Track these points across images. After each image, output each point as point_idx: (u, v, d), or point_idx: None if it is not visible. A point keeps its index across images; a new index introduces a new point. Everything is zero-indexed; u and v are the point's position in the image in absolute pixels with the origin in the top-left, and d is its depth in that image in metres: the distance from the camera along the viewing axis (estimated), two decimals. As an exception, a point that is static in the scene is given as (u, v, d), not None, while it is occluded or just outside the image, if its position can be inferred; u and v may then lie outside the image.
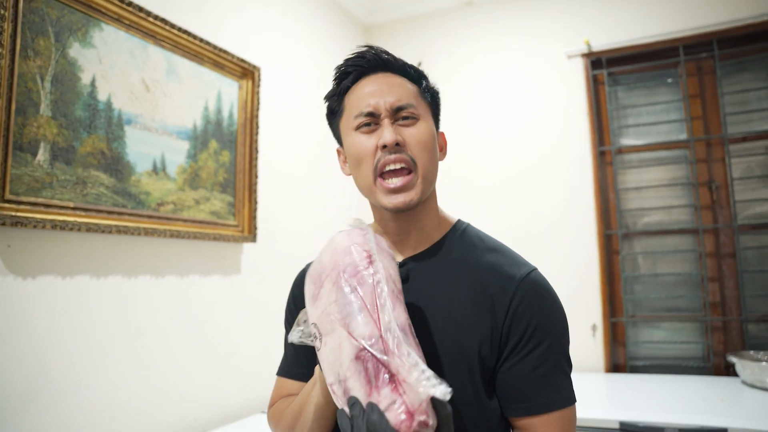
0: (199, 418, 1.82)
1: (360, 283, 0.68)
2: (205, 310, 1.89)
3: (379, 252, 0.72)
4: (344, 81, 0.91)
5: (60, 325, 1.41)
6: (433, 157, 0.88)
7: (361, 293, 0.67)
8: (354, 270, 0.69)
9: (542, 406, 0.80)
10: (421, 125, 0.87)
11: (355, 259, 0.70)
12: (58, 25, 1.41)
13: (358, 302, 0.67)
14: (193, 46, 1.84)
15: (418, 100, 0.89)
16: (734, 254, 2.44)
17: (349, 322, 0.66)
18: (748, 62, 2.52)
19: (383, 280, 0.68)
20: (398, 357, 0.61)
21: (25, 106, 1.33)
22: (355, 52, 0.91)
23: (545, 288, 0.86)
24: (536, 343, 0.81)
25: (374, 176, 0.85)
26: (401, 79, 0.90)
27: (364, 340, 0.64)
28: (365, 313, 0.66)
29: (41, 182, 1.36)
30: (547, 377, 0.81)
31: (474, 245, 0.91)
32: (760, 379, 2.04)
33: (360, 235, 0.74)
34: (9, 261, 1.30)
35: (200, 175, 1.88)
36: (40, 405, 1.34)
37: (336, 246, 0.73)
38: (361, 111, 0.86)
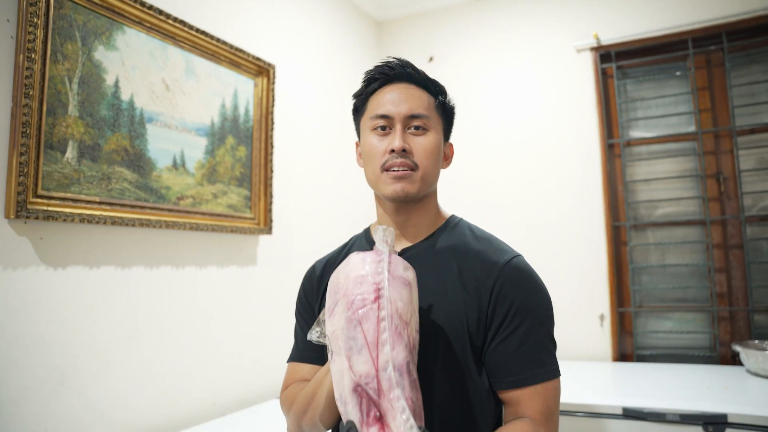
0: (217, 402, 1.91)
1: (365, 318, 0.72)
2: (223, 300, 1.98)
3: (391, 282, 0.75)
4: (371, 85, 1.01)
5: (88, 313, 1.50)
6: (434, 164, 0.97)
7: (364, 329, 0.72)
8: (362, 303, 0.73)
9: (527, 380, 0.88)
10: (429, 136, 0.96)
11: (364, 292, 0.74)
12: (84, 29, 1.50)
13: (361, 339, 0.72)
14: (210, 46, 1.91)
15: (432, 112, 0.98)
16: (741, 245, 2.47)
17: (350, 356, 0.72)
18: (757, 54, 2.53)
19: (387, 317, 0.72)
20: (387, 401, 0.69)
21: (55, 107, 1.41)
22: (383, 61, 1.01)
23: (526, 272, 0.94)
24: (519, 322, 0.89)
25: (380, 170, 0.95)
26: (421, 91, 0.99)
27: (361, 377, 0.71)
28: (365, 351, 0.71)
29: (70, 178, 1.45)
30: (530, 354, 0.89)
31: (464, 235, 1.00)
32: (764, 367, 2.08)
33: (374, 262, 0.77)
34: (42, 252, 1.39)
35: (218, 170, 1.96)
36: (71, 386, 1.44)
37: (350, 271, 0.77)
38: (378, 113, 0.96)
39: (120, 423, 1.56)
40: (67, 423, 1.42)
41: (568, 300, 2.67)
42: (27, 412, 1.34)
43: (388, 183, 0.94)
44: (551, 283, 1.00)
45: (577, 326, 2.66)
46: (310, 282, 1.09)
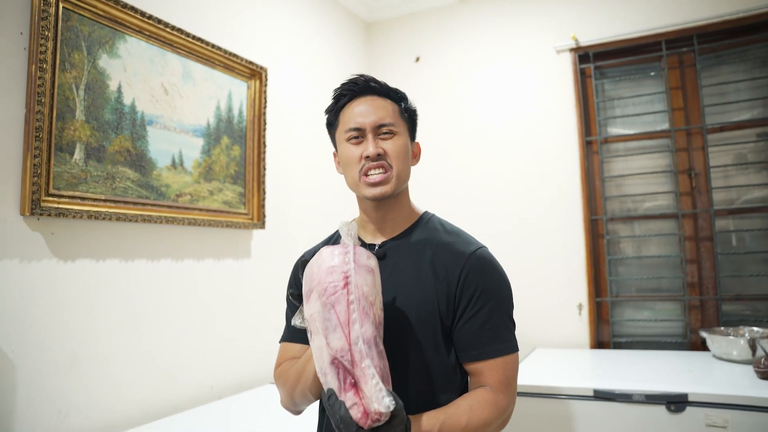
0: (214, 386, 2.04)
1: (336, 302, 0.86)
2: (219, 291, 2.10)
3: (357, 270, 0.89)
4: (340, 101, 1.13)
5: (96, 302, 1.63)
6: (405, 164, 1.10)
7: (337, 311, 0.85)
8: (333, 289, 0.87)
9: (488, 353, 1.02)
10: (397, 139, 1.09)
11: (335, 280, 0.87)
12: (90, 39, 1.61)
13: (335, 319, 0.85)
14: (205, 52, 2.03)
15: (397, 119, 1.11)
16: (711, 237, 2.61)
17: (327, 335, 0.86)
18: (726, 56, 2.67)
19: (355, 300, 0.86)
20: (360, 369, 0.83)
21: (64, 112, 1.53)
22: (348, 79, 1.13)
23: (489, 262, 1.08)
24: (482, 305, 1.03)
25: (359, 175, 1.08)
26: (385, 101, 1.11)
27: (337, 352, 0.85)
28: (339, 330, 0.85)
29: (78, 178, 1.57)
30: (491, 331, 1.03)
31: (436, 229, 1.13)
32: (727, 351, 2.22)
33: (342, 254, 0.90)
34: (53, 247, 1.51)
35: (214, 169, 2.08)
36: (80, 370, 1.56)
37: (322, 263, 0.90)
38: (351, 126, 1.09)
39: (125, 405, 1.69)
40: (78, 404, 1.55)
41: (548, 290, 2.80)
42: (42, 393, 1.46)
43: (368, 187, 1.07)
44: (532, 274, 1.15)
45: (556, 315, 2.80)
46: (300, 273, 1.22)
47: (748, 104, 2.62)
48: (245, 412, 1.83)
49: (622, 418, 1.93)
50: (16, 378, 1.40)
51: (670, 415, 1.87)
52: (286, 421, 1.67)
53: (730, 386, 1.89)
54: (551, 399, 2.02)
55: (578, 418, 1.99)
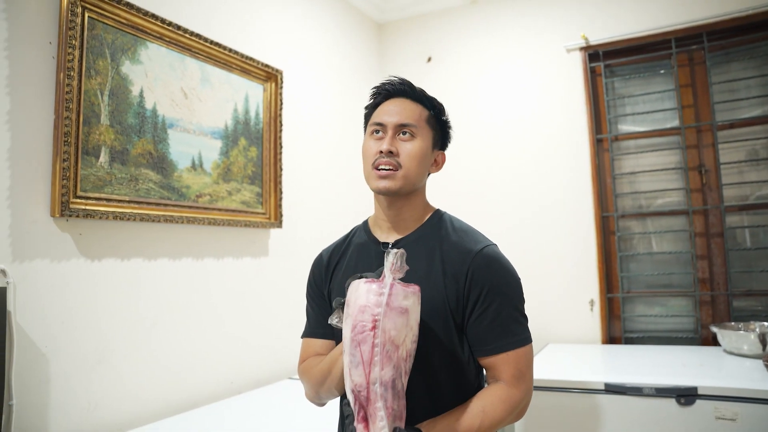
0: (234, 381, 2.10)
1: (363, 341, 0.90)
2: (238, 288, 2.16)
3: (387, 314, 0.91)
4: (376, 99, 1.20)
5: (121, 300, 1.69)
6: (418, 166, 1.13)
7: (362, 350, 0.90)
8: (362, 329, 0.90)
9: (499, 348, 1.06)
10: (415, 142, 1.13)
11: (365, 320, 0.90)
12: (113, 46, 1.67)
13: (359, 357, 0.90)
14: (223, 56, 2.09)
15: (421, 123, 1.15)
16: (722, 233, 2.63)
17: (351, 368, 0.91)
18: (736, 53, 2.68)
19: (380, 344, 0.90)
20: (372, 408, 0.89)
21: (89, 117, 1.59)
22: (386, 79, 1.19)
23: (495, 259, 1.10)
24: (490, 301, 1.06)
25: (371, 168, 1.13)
26: (414, 105, 1.16)
27: (356, 386, 0.91)
28: (361, 367, 0.90)
29: (103, 180, 1.63)
30: (502, 326, 1.06)
31: (446, 228, 1.17)
32: (738, 346, 2.25)
33: (377, 294, 0.91)
34: (81, 247, 1.58)
35: (232, 170, 2.14)
36: (107, 365, 1.63)
37: (357, 298, 0.92)
38: (375, 121, 1.15)
39: (149, 398, 1.75)
40: (106, 397, 1.62)
41: (560, 287, 2.84)
42: (73, 386, 1.53)
43: (375, 179, 1.11)
44: (544, 271, 1.18)
45: (568, 311, 2.83)
46: (319, 269, 1.26)
47: (758, 101, 2.63)
48: (264, 407, 1.89)
49: (632, 411, 1.97)
50: (49, 372, 1.47)
51: (680, 408, 1.90)
52: (304, 416, 1.73)
53: (739, 380, 1.92)
54: (563, 393, 2.06)
55: (589, 412, 2.02)
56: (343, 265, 1.21)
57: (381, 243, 1.18)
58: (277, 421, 1.71)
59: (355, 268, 1.16)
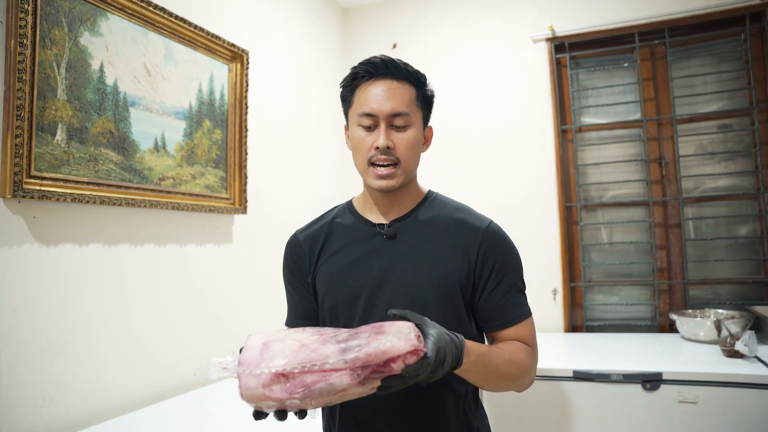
0: (197, 373, 2.01)
1: (301, 387, 0.80)
2: (202, 276, 2.07)
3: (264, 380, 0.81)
4: (357, 79, 1.09)
5: (79, 288, 1.58)
6: (415, 155, 1.09)
7: (310, 386, 0.80)
8: (289, 393, 0.80)
9: (512, 320, 1.08)
10: (410, 131, 1.07)
11: (277, 390, 0.80)
12: (70, 15, 1.55)
13: (317, 386, 0.80)
14: (188, 32, 1.98)
15: (413, 107, 1.07)
16: (680, 224, 2.71)
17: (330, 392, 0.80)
18: (695, 49, 2.76)
19: (294, 374, 0.80)
20: None
21: (45, 91, 1.47)
22: (368, 59, 1.08)
23: (503, 235, 1.13)
24: (502, 276, 1.08)
25: (367, 164, 1.07)
26: (403, 86, 1.07)
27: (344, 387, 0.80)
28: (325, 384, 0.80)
29: (60, 160, 1.51)
30: (512, 299, 1.08)
31: (443, 207, 1.16)
32: (695, 333, 2.33)
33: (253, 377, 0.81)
34: (35, 230, 1.46)
35: (196, 152, 2.03)
36: (65, 357, 1.52)
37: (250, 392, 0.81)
38: (364, 111, 1.05)
39: (110, 391, 1.65)
40: (63, 391, 1.51)
41: (525, 276, 2.86)
42: (26, 380, 1.41)
43: (375, 178, 1.06)
44: None
45: (532, 300, 2.79)
46: (299, 254, 1.17)
47: (714, 96, 2.72)
48: (232, 398, 1.82)
49: (600, 396, 2.00)
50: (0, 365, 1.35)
51: (645, 393, 1.95)
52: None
53: (699, 364, 1.99)
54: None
55: (559, 399, 2.05)
56: (330, 250, 1.14)
57: (376, 224, 1.14)
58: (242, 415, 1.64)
59: (348, 251, 1.12)
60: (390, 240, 1.11)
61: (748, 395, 1.85)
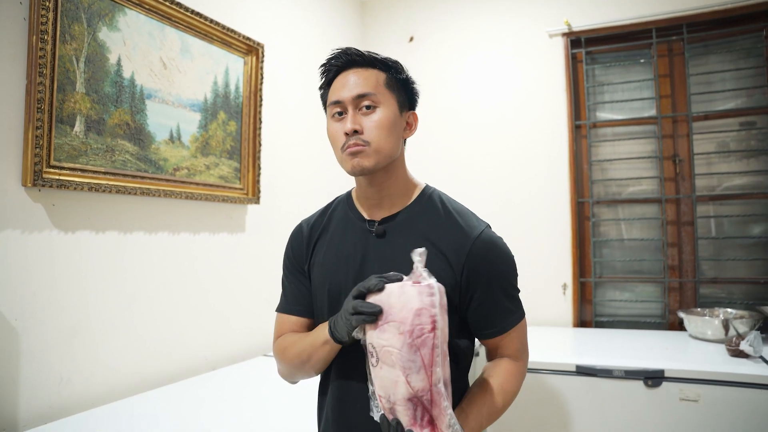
0: (209, 357, 2.08)
1: (423, 344, 0.86)
2: (215, 264, 2.14)
3: (441, 313, 0.89)
4: (327, 76, 1.11)
5: (95, 274, 1.65)
6: (388, 137, 1.04)
7: (422, 354, 0.86)
8: (420, 332, 0.86)
9: (504, 329, 1.07)
10: (378, 112, 1.04)
11: (423, 323, 0.87)
12: (89, 11, 1.61)
13: (419, 361, 0.86)
14: (203, 26, 2.03)
15: (380, 89, 1.05)
16: (692, 222, 2.70)
17: (409, 374, 0.86)
18: (714, 45, 2.73)
19: (440, 344, 0.87)
20: (439, 409, 0.87)
21: (64, 84, 1.53)
22: (332, 53, 1.09)
23: (493, 243, 1.07)
24: (491, 289, 1.05)
25: (341, 151, 1.05)
26: (369, 71, 1.06)
27: (418, 392, 0.87)
28: (423, 372, 0.86)
29: (78, 150, 1.58)
30: (504, 307, 1.07)
31: (437, 208, 1.11)
32: (702, 331, 2.32)
33: (429, 295, 0.88)
34: (54, 218, 1.53)
35: (210, 144, 2.09)
36: (81, 339, 1.60)
37: (408, 301, 0.88)
38: (332, 100, 1.07)
39: (124, 372, 1.73)
40: (79, 371, 1.59)
41: (534, 270, 2.88)
42: (45, 360, 1.49)
43: (347, 160, 1.04)
44: (518, 254, 1.15)
45: (541, 294, 2.88)
46: (299, 242, 1.19)
47: (732, 94, 2.69)
48: (239, 383, 1.88)
49: (602, 392, 2.03)
50: (20, 345, 1.43)
51: (647, 389, 1.97)
52: (278, 392, 1.73)
53: (703, 363, 1.99)
54: (536, 374, 2.10)
55: (561, 392, 2.08)
56: (325, 241, 1.15)
57: (367, 221, 1.12)
58: (251, 398, 1.71)
59: (339, 245, 1.12)
60: (379, 239, 1.09)
61: (750, 395, 1.85)
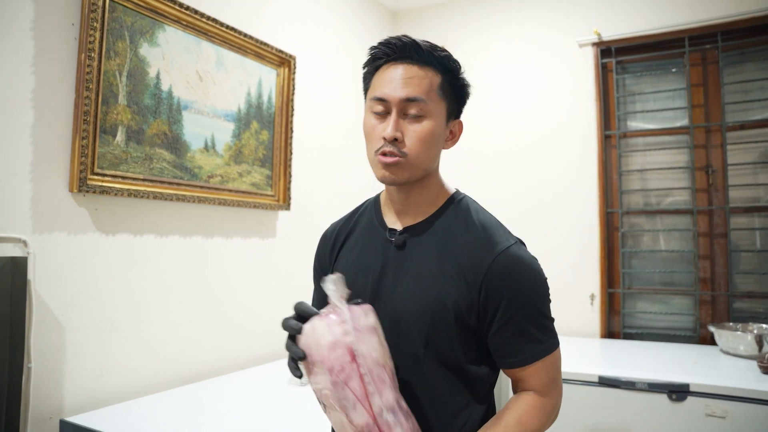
0: (239, 357, 2.17)
1: (348, 378, 0.80)
2: (246, 267, 2.23)
3: (360, 338, 0.82)
4: (375, 62, 1.00)
5: (133, 273, 1.76)
6: (428, 150, 0.95)
7: (351, 388, 0.80)
8: (341, 367, 0.80)
9: (526, 359, 0.94)
10: (424, 123, 0.94)
11: (340, 356, 0.80)
12: (132, 29, 1.72)
13: (351, 397, 0.80)
14: (238, 40, 2.13)
15: (432, 95, 0.94)
16: (725, 234, 2.64)
17: (347, 413, 0.80)
18: (750, 53, 2.68)
19: (367, 372, 0.80)
20: (387, 424, 0.80)
21: (108, 97, 1.65)
22: (388, 38, 0.97)
23: (516, 263, 0.94)
24: (513, 312, 0.93)
25: (375, 154, 0.96)
26: (424, 71, 0.94)
27: (363, 428, 0.80)
28: (359, 405, 0.79)
29: (119, 158, 1.69)
30: (527, 335, 0.94)
31: (464, 220, 1.01)
32: (734, 346, 2.28)
33: (339, 324, 0.82)
34: (96, 221, 1.65)
35: (243, 152, 2.19)
36: (118, 335, 1.71)
37: (320, 338, 0.82)
38: (376, 95, 0.96)
39: (157, 368, 1.83)
40: (117, 364, 1.69)
41: (562, 280, 2.87)
42: (86, 353, 1.61)
43: (379, 167, 0.96)
44: (545, 264, 1.05)
45: (568, 304, 2.87)
46: (323, 247, 1.17)
47: (768, 103, 2.63)
48: (267, 383, 1.96)
49: (624, 404, 2.01)
50: (64, 339, 1.55)
51: (671, 403, 1.95)
52: (305, 392, 1.79)
53: (732, 379, 1.95)
54: (557, 383, 2.10)
55: (583, 403, 2.08)
56: (348, 248, 1.10)
57: (388, 229, 1.04)
58: (276, 397, 1.78)
59: (360, 254, 1.06)
60: (399, 250, 1.01)
61: (780, 413, 1.81)
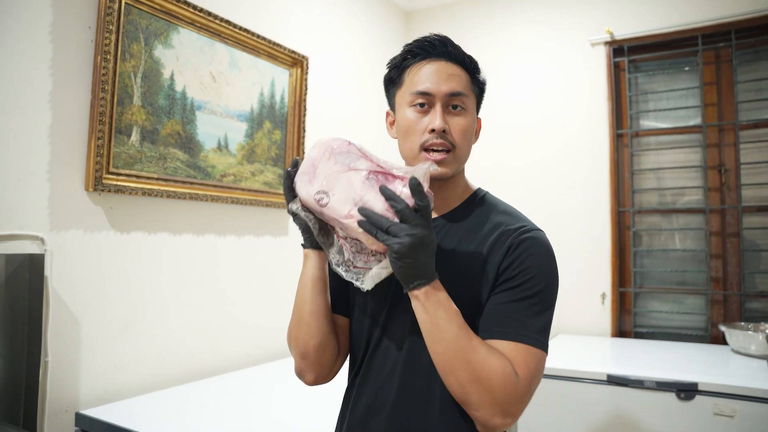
0: (250, 353, 2.21)
1: (349, 152, 0.91)
2: (258, 265, 2.27)
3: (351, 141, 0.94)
4: (408, 59, 1.01)
5: (147, 270, 1.80)
6: (468, 143, 1.01)
7: (352, 150, 0.91)
8: (341, 148, 0.91)
9: (510, 333, 0.87)
10: (466, 116, 0.98)
11: (341, 143, 0.92)
12: (147, 31, 1.76)
13: (355, 153, 0.90)
14: (251, 41, 2.16)
15: (468, 91, 0.99)
16: (738, 234, 2.63)
17: (354, 166, 0.88)
18: (764, 52, 2.65)
19: (364, 148, 0.92)
20: (394, 168, 0.88)
21: (123, 98, 1.69)
22: (423, 37, 1.00)
23: (540, 242, 0.94)
24: (520, 281, 0.90)
25: (420, 149, 0.97)
26: (459, 69, 0.99)
27: (368, 168, 0.87)
28: (362, 159, 0.89)
29: (134, 158, 1.73)
30: (521, 312, 0.89)
31: (489, 209, 1.03)
32: (745, 346, 2.27)
33: (338, 138, 0.95)
34: (112, 219, 1.69)
35: (256, 152, 2.22)
36: (132, 331, 1.75)
37: (320, 142, 0.95)
38: (419, 90, 0.96)
39: (170, 364, 1.87)
40: (131, 360, 1.74)
41: (573, 278, 2.88)
42: (100, 349, 1.65)
43: (423, 161, 0.94)
44: (557, 262, 1.00)
45: (579, 303, 2.88)
46: None
47: (784, 101, 2.61)
48: (279, 379, 2.00)
49: (633, 402, 2.02)
50: (80, 334, 1.59)
51: (679, 402, 1.95)
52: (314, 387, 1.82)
53: (741, 378, 1.95)
54: (566, 381, 2.12)
55: (591, 401, 2.08)
56: None
57: None
58: (287, 393, 1.81)
59: None
60: None
61: (790, 413, 1.81)
